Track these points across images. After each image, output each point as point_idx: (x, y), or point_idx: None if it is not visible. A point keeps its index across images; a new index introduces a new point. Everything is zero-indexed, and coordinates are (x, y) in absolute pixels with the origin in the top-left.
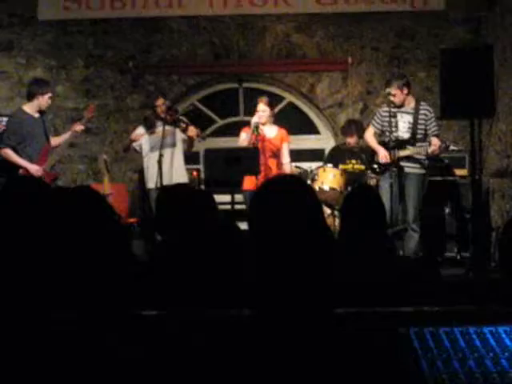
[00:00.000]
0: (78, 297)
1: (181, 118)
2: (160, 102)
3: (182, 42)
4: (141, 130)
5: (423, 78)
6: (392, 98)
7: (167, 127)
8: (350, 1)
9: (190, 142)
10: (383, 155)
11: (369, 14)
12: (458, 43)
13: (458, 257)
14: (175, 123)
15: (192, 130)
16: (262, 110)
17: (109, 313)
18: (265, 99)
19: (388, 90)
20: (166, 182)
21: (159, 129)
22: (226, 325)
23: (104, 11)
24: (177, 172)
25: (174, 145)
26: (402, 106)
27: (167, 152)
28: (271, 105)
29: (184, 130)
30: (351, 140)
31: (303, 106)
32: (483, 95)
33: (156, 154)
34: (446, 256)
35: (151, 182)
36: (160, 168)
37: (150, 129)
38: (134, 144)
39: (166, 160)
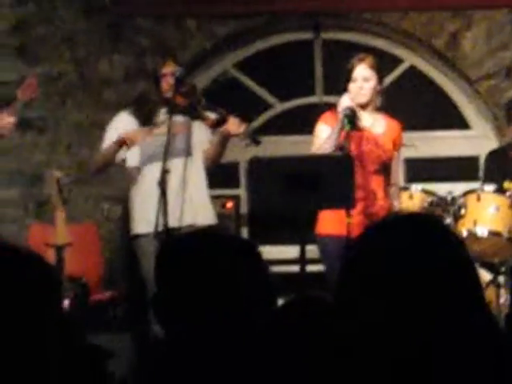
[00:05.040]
0: None
1: (204, 101)
2: (168, 68)
3: None
4: (127, 121)
5: None
6: None
7: (178, 118)
8: None
9: (222, 144)
10: None
11: None
12: None
13: None
14: (195, 110)
15: (233, 123)
16: (364, 77)
17: None
18: (369, 59)
19: None
20: (173, 221)
21: (163, 121)
22: None
23: None
24: (195, 202)
25: (188, 152)
26: None
27: (176, 165)
28: (380, 71)
29: (216, 124)
30: None
31: (437, 74)
32: None
33: (155, 170)
34: None
35: (143, 223)
36: (163, 195)
37: (147, 123)
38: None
39: (174, 179)
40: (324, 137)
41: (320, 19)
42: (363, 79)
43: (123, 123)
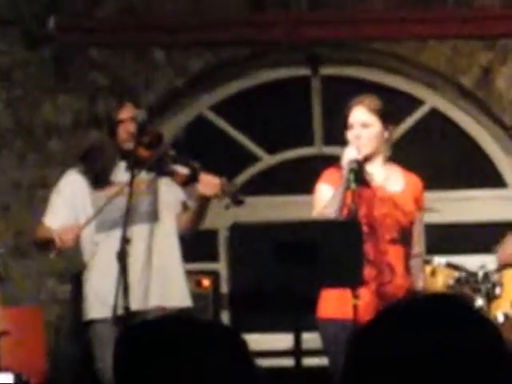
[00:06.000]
0: None
1: (173, 153)
2: (126, 113)
3: None
4: (75, 184)
5: None
6: None
7: (141, 175)
8: None
9: (199, 209)
10: None
11: None
12: None
13: None
14: (161, 165)
15: (208, 182)
16: (362, 123)
17: None
18: (368, 101)
19: None
20: (138, 303)
21: (121, 180)
22: None
23: None
24: (164, 279)
25: (154, 217)
26: None
27: (140, 233)
28: (386, 114)
29: (187, 181)
30: None
31: (465, 119)
32: None
33: (114, 240)
34: None
35: (100, 306)
36: (124, 270)
37: (99, 183)
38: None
39: (137, 251)
40: (326, 199)
41: (318, 50)
42: (361, 125)
43: (71, 186)
